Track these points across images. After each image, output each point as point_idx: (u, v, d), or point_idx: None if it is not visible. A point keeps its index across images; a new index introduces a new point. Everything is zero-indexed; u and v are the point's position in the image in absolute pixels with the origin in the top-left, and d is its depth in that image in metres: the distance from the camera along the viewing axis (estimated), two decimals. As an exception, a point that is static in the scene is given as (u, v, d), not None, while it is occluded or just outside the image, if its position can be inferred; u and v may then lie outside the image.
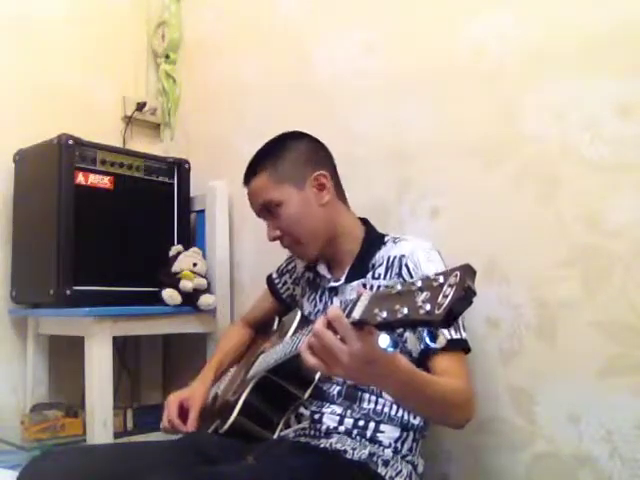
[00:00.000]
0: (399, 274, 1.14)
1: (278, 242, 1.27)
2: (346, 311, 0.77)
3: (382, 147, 1.51)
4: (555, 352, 1.21)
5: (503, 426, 1.28)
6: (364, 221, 1.29)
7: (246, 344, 1.45)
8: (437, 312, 0.63)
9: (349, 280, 1.19)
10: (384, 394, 1.10)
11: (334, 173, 1.26)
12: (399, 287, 0.69)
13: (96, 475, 0.99)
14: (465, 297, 0.62)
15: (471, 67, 1.36)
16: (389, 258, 1.17)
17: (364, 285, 1.16)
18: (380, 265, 1.18)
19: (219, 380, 1.38)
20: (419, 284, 0.66)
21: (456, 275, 0.63)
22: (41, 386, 1.77)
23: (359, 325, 0.75)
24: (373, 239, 1.23)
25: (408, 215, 1.45)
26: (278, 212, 1.21)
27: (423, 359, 1.06)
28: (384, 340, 0.73)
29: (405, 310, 0.66)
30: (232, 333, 1.50)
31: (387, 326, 0.71)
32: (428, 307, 0.64)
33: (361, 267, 1.19)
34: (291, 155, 1.22)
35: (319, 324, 0.80)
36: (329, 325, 0.79)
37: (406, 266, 1.14)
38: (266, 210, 1.23)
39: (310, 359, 0.82)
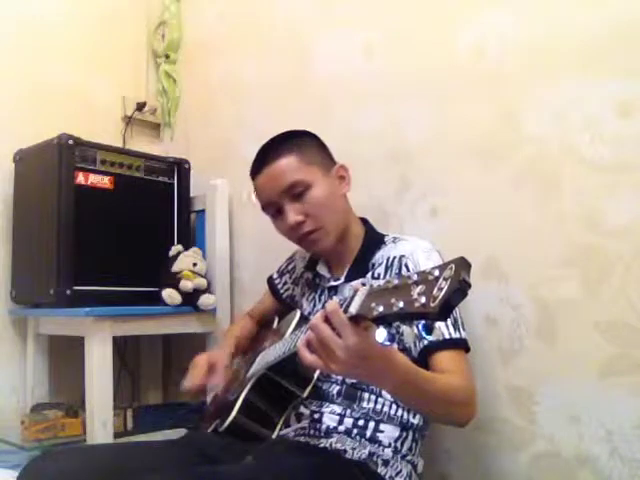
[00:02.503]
0: (399, 274, 1.14)
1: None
2: (343, 306, 0.78)
3: (382, 147, 1.52)
4: (555, 352, 1.21)
5: (503, 426, 1.28)
6: (364, 221, 1.29)
7: (254, 336, 1.45)
8: (432, 305, 0.63)
9: (349, 279, 1.19)
10: (384, 393, 1.10)
11: None
12: (395, 281, 0.69)
13: (96, 475, 0.99)
14: (460, 289, 0.62)
15: (471, 67, 1.36)
16: (389, 258, 1.17)
17: (363, 284, 1.16)
18: (380, 265, 1.18)
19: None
20: (415, 278, 0.67)
21: (451, 268, 0.63)
22: (41, 386, 1.77)
23: (356, 320, 0.75)
24: (373, 239, 1.23)
25: (408, 215, 1.45)
26: (305, 194, 1.16)
27: (423, 357, 1.07)
28: (381, 334, 0.73)
29: (401, 304, 0.67)
30: (243, 323, 1.50)
31: (383, 320, 0.72)
32: (423, 300, 0.64)
33: (361, 266, 1.19)
34: (313, 144, 1.23)
35: (317, 318, 0.80)
36: (326, 319, 0.80)
37: (406, 266, 1.14)
38: (289, 193, 1.16)
39: (307, 356, 0.83)
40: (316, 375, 1.12)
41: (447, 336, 1.06)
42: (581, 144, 1.19)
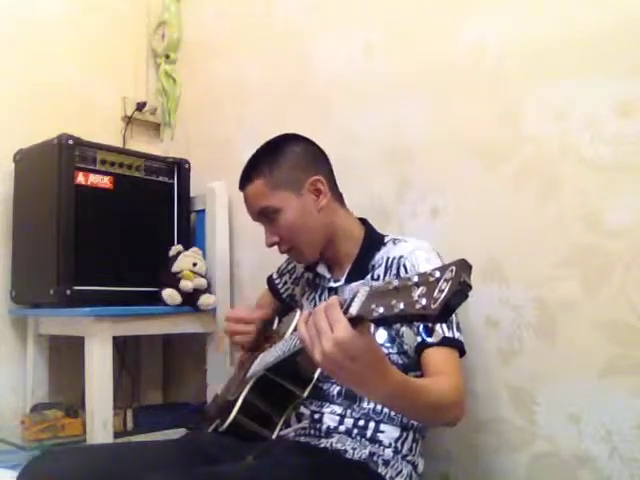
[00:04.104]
0: (397, 275, 1.14)
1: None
2: (344, 307, 0.77)
3: (382, 147, 1.51)
4: (555, 352, 1.21)
5: (503, 426, 1.27)
6: (363, 221, 1.29)
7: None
8: (433, 307, 0.63)
9: (349, 281, 1.19)
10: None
11: (330, 175, 1.26)
12: (396, 282, 0.69)
13: (96, 475, 0.99)
14: (461, 291, 0.62)
15: (471, 67, 1.36)
16: (388, 259, 1.17)
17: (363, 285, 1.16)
18: (380, 266, 1.18)
19: None
20: (415, 279, 0.66)
21: (452, 270, 0.63)
22: (41, 386, 1.77)
23: (356, 321, 0.75)
24: (373, 240, 1.23)
25: (408, 215, 1.45)
26: (276, 218, 1.20)
27: (417, 354, 1.07)
28: (381, 336, 0.73)
29: (401, 305, 0.66)
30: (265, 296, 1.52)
31: (384, 321, 0.72)
32: (424, 302, 0.64)
33: (361, 268, 1.19)
34: (286, 160, 1.20)
35: (319, 306, 0.80)
36: (326, 311, 0.79)
37: (404, 266, 1.14)
38: (264, 216, 1.22)
39: (302, 329, 0.82)
40: (316, 375, 1.12)
41: (441, 334, 1.06)
42: (581, 144, 1.19)
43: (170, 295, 1.68)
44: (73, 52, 1.99)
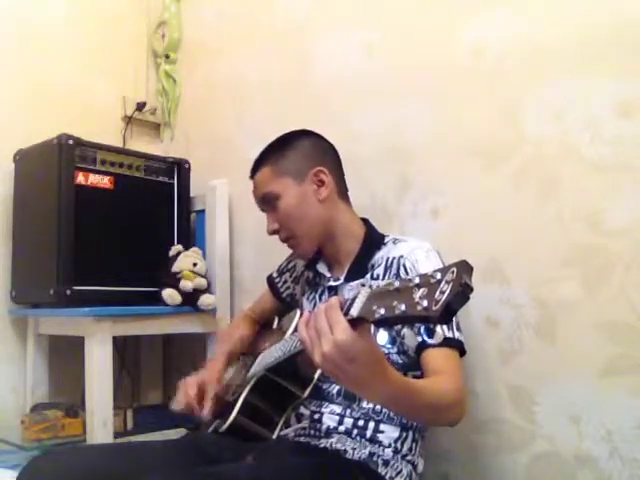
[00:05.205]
0: (397, 274, 1.14)
1: (278, 241, 1.28)
2: (344, 308, 0.77)
3: (382, 147, 1.52)
4: (555, 352, 1.21)
5: (503, 426, 1.27)
6: (365, 221, 1.29)
7: (252, 337, 1.44)
8: (434, 308, 0.62)
9: (348, 280, 1.20)
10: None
11: (337, 171, 1.27)
12: (397, 284, 0.69)
13: (96, 475, 0.99)
14: (462, 293, 0.62)
15: (471, 67, 1.36)
16: (388, 259, 1.18)
17: (362, 285, 1.16)
18: (379, 265, 1.18)
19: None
20: (417, 280, 0.66)
21: (453, 271, 0.63)
22: (41, 386, 1.77)
23: (357, 322, 0.75)
24: (373, 239, 1.23)
25: (408, 215, 1.45)
26: (276, 205, 1.22)
27: (417, 354, 1.07)
28: (382, 337, 0.72)
29: (402, 307, 0.66)
30: (241, 329, 1.48)
31: (385, 322, 0.71)
32: (425, 303, 0.64)
33: (360, 267, 1.20)
34: (294, 151, 1.24)
35: (320, 307, 0.79)
36: (326, 312, 0.79)
37: (404, 266, 1.14)
38: (266, 203, 1.25)
39: (303, 331, 0.81)
40: (317, 375, 1.12)
41: (442, 335, 1.06)
42: (581, 144, 1.19)
43: (170, 295, 1.68)
44: (73, 52, 1.98)
